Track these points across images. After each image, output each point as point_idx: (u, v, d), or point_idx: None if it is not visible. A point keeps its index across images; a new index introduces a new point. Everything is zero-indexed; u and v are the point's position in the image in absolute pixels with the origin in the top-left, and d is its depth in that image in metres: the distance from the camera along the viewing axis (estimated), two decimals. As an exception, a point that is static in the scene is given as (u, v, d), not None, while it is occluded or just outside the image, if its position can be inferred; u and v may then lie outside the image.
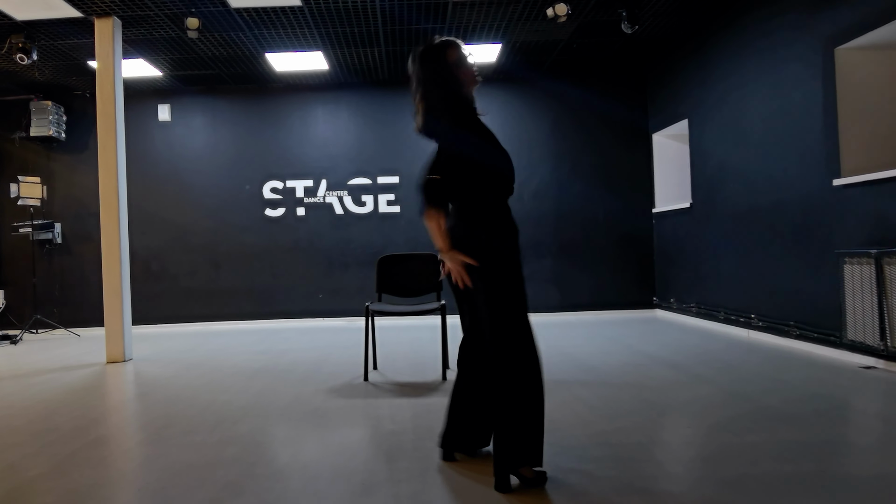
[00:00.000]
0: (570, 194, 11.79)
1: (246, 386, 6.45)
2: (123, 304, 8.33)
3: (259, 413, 5.37)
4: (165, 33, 8.96)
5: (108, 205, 8.31)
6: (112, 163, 8.27)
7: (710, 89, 9.57)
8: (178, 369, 7.58)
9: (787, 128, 7.80)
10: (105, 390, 6.63)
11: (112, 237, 8.30)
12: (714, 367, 6.71)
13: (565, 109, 11.84)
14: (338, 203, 11.85)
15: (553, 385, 6.00)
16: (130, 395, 6.43)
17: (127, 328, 8.38)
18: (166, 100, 11.84)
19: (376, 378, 6.60)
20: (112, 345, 8.28)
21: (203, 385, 6.59)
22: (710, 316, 9.79)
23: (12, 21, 8.35)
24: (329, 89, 11.89)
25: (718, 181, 9.44)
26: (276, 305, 11.83)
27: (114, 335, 8.29)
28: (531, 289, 10.33)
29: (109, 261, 8.30)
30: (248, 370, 7.34)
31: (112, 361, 8.23)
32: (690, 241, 10.41)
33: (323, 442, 4.51)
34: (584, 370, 6.77)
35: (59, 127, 11.45)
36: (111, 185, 8.30)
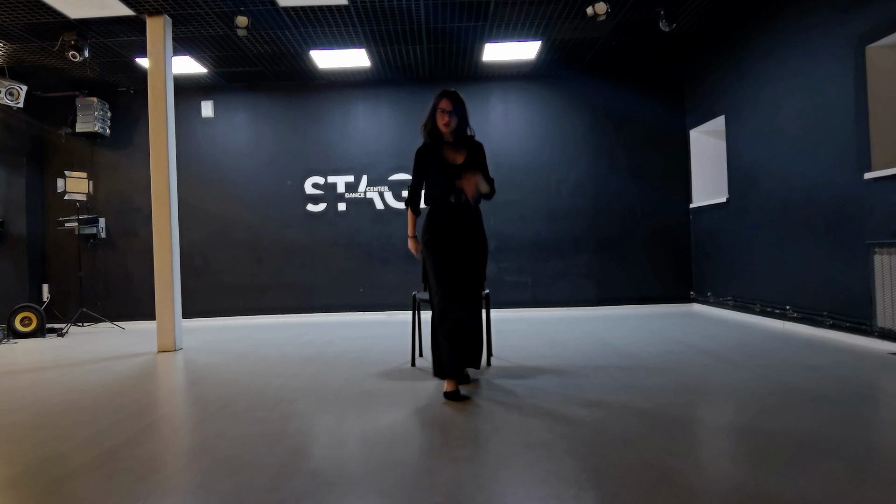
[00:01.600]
0: (608, 190, 12.06)
1: (298, 372, 6.84)
2: (174, 294, 8.75)
3: (315, 393, 5.76)
4: (214, 31, 9.38)
5: (160, 199, 8.74)
6: (164, 158, 8.70)
7: (745, 86, 9.82)
8: (228, 358, 7.98)
9: (820, 124, 8.09)
10: (161, 376, 7.04)
11: (164, 230, 8.72)
12: (749, 355, 7.01)
13: (603, 106, 12.11)
14: (378, 198, 12.18)
15: (593, 370, 6.39)
16: (187, 379, 6.84)
17: (178, 318, 8.81)
18: (209, 96, 12.25)
19: (423, 364, 6.98)
20: (163, 334, 8.71)
21: (256, 371, 6.99)
22: (746, 308, 10.06)
23: (66, 19, 8.78)
24: (370, 86, 12.23)
25: (754, 176, 9.70)
26: (316, 300, 12.18)
27: (165, 325, 8.72)
28: (568, 283, 10.71)
29: (161, 253, 8.72)
30: (298, 358, 7.72)
31: (163, 350, 8.65)
32: (726, 235, 10.66)
33: (379, 415, 4.89)
34: (624, 357, 7.11)
35: (104, 123, 11.90)
36: (163, 181, 8.73)
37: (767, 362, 6.60)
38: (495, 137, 11.95)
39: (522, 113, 12.18)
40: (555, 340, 8.53)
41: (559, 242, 12.07)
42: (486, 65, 11.50)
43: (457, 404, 5.18)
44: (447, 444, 4.10)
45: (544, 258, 12.08)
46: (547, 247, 12.07)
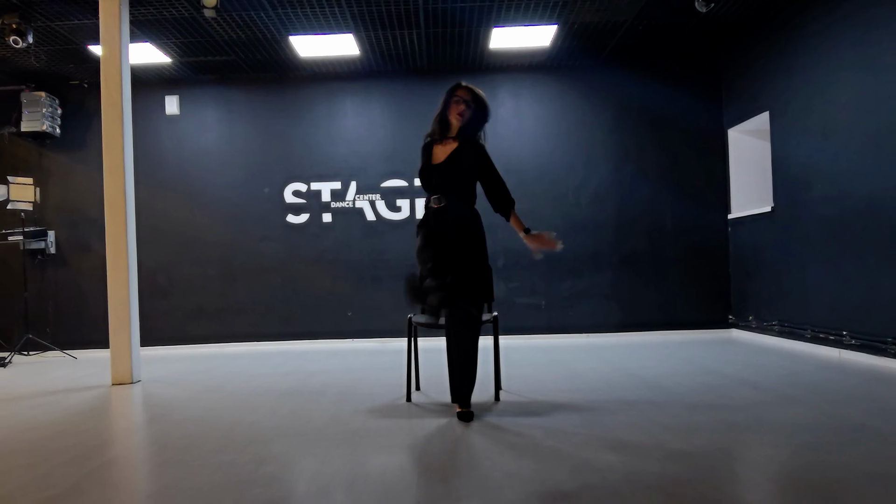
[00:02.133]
0: (634, 198, 11.84)
1: (275, 407, 6.61)
2: (131, 319, 8.52)
3: (294, 433, 5.52)
4: (177, 13, 9.18)
5: (114, 209, 8.51)
6: (119, 161, 8.49)
7: (794, 76, 9.61)
8: (194, 391, 7.76)
9: (884, 119, 7.85)
10: (114, 412, 6.82)
11: (118, 244, 8.49)
12: (801, 388, 6.79)
13: (628, 102, 11.90)
14: (369, 208, 11.95)
15: (619, 405, 6.16)
16: (144, 416, 6.62)
17: (135, 346, 8.57)
18: (174, 91, 12.04)
19: (420, 399, 6.75)
20: (118, 365, 8.45)
21: (226, 407, 6.76)
22: (794, 335, 9.81)
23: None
24: (359, 78, 12.03)
25: (804, 181, 9.46)
26: (299, 325, 11.95)
27: (120, 354, 8.46)
28: (588, 306, 10.57)
29: (116, 271, 8.49)
30: (275, 392, 7.50)
31: (119, 383, 8.39)
32: (771, 250, 10.43)
33: (368, 460, 4.65)
34: (655, 390, 6.88)
35: (54, 121, 11.70)
36: (118, 186, 8.51)
37: (826, 396, 6.37)
38: (505, 137, 11.73)
39: (535, 109, 11.98)
40: (573, 371, 8.32)
41: (577, 259, 11.80)
42: (493, 53, 11.29)
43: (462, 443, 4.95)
44: (449, 496, 3.86)
45: (560, 277, 11.83)
46: (563, 264, 11.73)
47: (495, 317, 6.56)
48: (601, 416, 5.74)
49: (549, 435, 5.18)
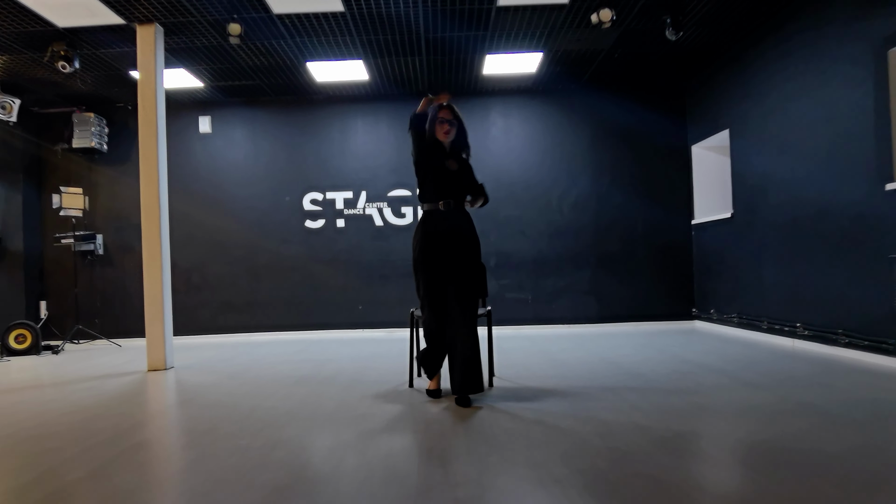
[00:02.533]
0: (610, 206, 11.50)
1: (289, 393, 6.22)
2: (165, 312, 8.15)
3: (305, 418, 5.15)
4: (207, 41, 8.81)
5: (150, 214, 8.15)
6: (154, 172, 8.12)
7: (752, 98, 9.27)
8: (219, 377, 7.38)
9: (834, 134, 7.52)
10: (145, 397, 6.43)
11: (154, 246, 8.13)
12: (762, 374, 6.45)
13: (604, 121, 11.57)
14: (377, 215, 11.62)
15: (602, 391, 5.79)
16: (171, 401, 6.22)
17: (168, 336, 8.21)
18: (207, 111, 11.70)
19: (421, 384, 6.35)
20: (153, 353, 8.10)
21: (246, 392, 6.38)
22: (752, 326, 9.48)
23: (54, 28, 8.22)
24: (369, 100, 11.70)
25: (761, 191, 9.13)
26: (315, 317, 11.62)
27: (155, 343, 8.11)
28: (571, 300, 10.09)
29: (151, 269, 8.13)
30: (291, 378, 7.11)
31: (153, 369, 8.05)
32: (731, 251, 10.10)
33: (373, 445, 4.27)
34: (633, 377, 6.51)
35: (101, 139, 11.34)
36: (153, 195, 8.14)
37: (783, 381, 6.01)
38: (496, 153, 11.49)
39: (523, 128, 11.63)
40: (558, 359, 7.92)
41: (560, 259, 11.49)
42: (486, 78, 10.92)
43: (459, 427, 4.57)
44: (447, 482, 3.47)
45: (545, 275, 11.49)
46: (548, 263, 11.49)
47: (489, 311, 6.19)
48: (586, 402, 5.36)
49: (540, 419, 4.80)
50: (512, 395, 5.79)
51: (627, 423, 4.64)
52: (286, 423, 4.95)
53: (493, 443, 4.20)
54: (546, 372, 6.98)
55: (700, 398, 5.43)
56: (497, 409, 5.24)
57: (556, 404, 5.32)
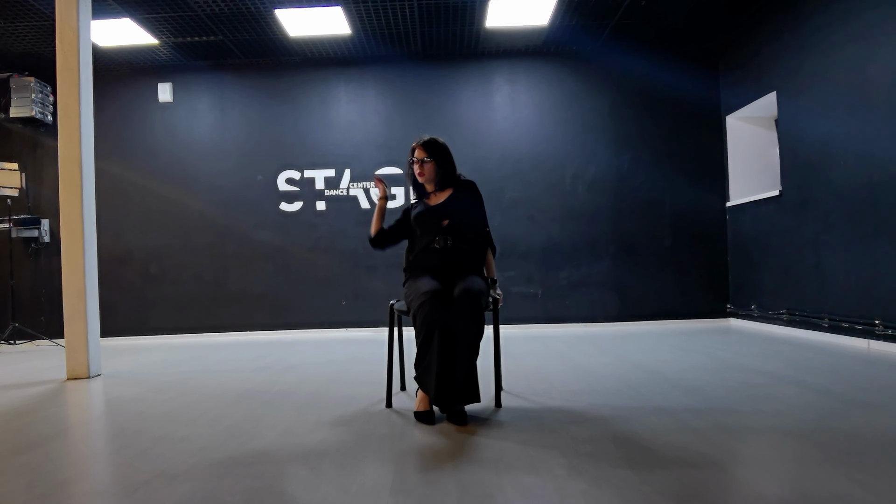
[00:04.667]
0: (632, 185, 9.82)
1: (221, 415, 4.44)
2: (88, 308, 6.39)
3: (225, 456, 3.39)
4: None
5: (70, 187, 6.45)
6: (74, 131, 6.37)
7: (808, 50, 7.56)
8: (145, 390, 5.61)
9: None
10: (36, 417, 4.64)
11: (73, 226, 6.43)
12: (861, 388, 4.71)
13: (626, 87, 9.87)
14: (363, 196, 9.94)
15: (650, 413, 4.00)
16: (64, 424, 4.41)
17: (93, 338, 6.43)
18: (167, 77, 9.99)
19: (403, 403, 4.56)
20: (73, 358, 6.33)
21: (164, 412, 4.61)
22: (807, 324, 7.76)
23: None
24: (353, 64, 9.99)
25: (821, 161, 7.42)
26: (292, 314, 9.94)
27: (76, 346, 6.35)
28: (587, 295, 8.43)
29: (70, 254, 6.42)
30: (234, 392, 5.35)
31: (74, 377, 6.30)
32: (779, 235, 8.37)
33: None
34: (686, 392, 4.73)
35: (45, 108, 9.59)
36: (73, 163, 6.40)
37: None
38: (500, 124, 9.82)
39: (532, 95, 9.91)
40: (582, 367, 6.15)
41: (574, 247, 9.81)
42: (490, 33, 9.12)
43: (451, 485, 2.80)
44: None
45: (557, 266, 9.80)
46: (560, 252, 9.80)
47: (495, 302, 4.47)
48: (634, 430, 3.60)
49: (575, 469, 3.02)
50: (530, 418, 4.03)
51: (709, 467, 2.89)
52: (188, 471, 3.17)
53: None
54: (569, 384, 5.21)
55: (794, 423, 3.69)
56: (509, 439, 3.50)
57: (593, 433, 3.56)
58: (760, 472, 2.93)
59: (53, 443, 3.87)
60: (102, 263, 7.47)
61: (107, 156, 9.43)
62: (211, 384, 5.79)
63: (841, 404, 4.20)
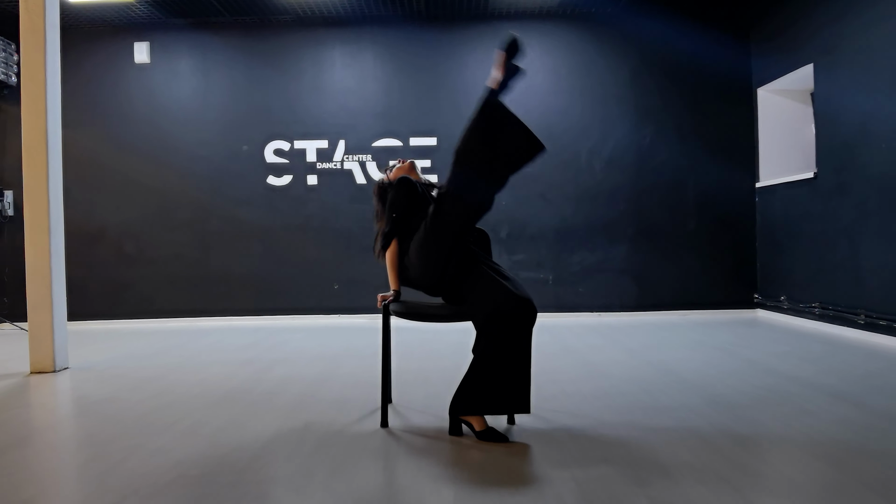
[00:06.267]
0: (653, 163, 9.72)
1: (201, 420, 4.38)
2: (54, 294, 6.33)
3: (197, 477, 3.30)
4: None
5: (34, 159, 6.34)
6: (39, 97, 6.25)
7: (850, 21, 7.46)
8: (120, 387, 5.54)
9: None
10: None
11: (38, 203, 6.34)
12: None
13: (648, 55, 9.74)
14: (359, 170, 9.84)
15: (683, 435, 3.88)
16: (21, 431, 4.30)
17: (59, 328, 6.36)
18: (144, 36, 9.83)
19: (400, 421, 4.39)
20: (38, 350, 6.26)
21: (141, 417, 4.54)
22: (842, 319, 7.70)
23: None
24: (350, 24, 9.85)
25: (861, 142, 7.32)
26: (279, 299, 9.86)
27: (40, 337, 6.28)
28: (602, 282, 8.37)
29: (34, 233, 6.35)
30: (217, 391, 5.28)
31: (37, 371, 6.23)
32: (812, 221, 8.29)
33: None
34: (710, 402, 4.67)
35: (8, 68, 9.46)
36: (38, 131, 6.29)
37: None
38: (510, 94, 9.51)
39: (545, 63, 9.77)
40: (594, 366, 6.10)
41: (590, 230, 9.72)
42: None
43: None
44: None
45: (570, 249, 9.71)
46: (574, 235, 9.71)
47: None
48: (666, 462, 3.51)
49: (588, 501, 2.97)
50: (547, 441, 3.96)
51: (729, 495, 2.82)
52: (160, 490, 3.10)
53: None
54: (581, 388, 5.14)
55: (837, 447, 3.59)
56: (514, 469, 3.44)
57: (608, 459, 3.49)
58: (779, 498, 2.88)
59: (12, 453, 3.80)
60: (72, 241, 7.43)
61: (77, 123, 9.31)
62: (191, 380, 5.72)
63: (880, 420, 4.14)
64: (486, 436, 3.93)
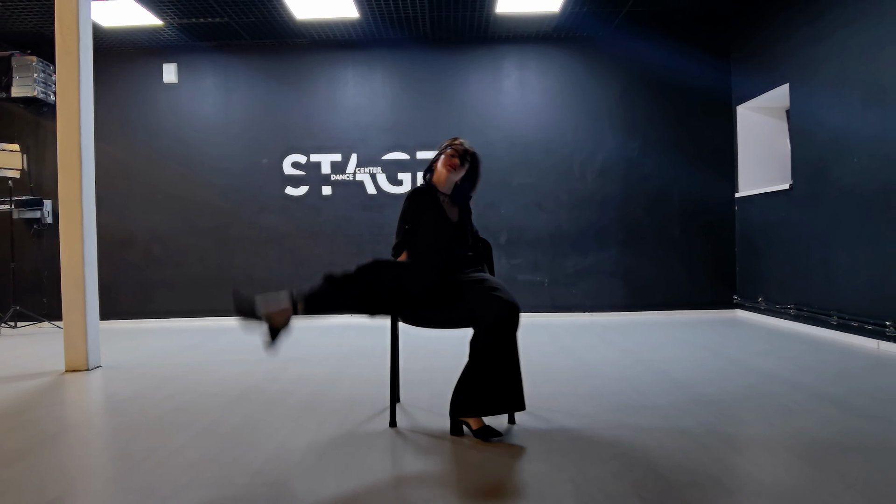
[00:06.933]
0: (641, 173, 9.58)
1: (217, 420, 4.26)
2: (87, 297, 6.22)
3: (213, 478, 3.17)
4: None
5: (68, 166, 6.21)
6: (74, 116, 6.13)
7: (825, 44, 7.29)
8: (145, 385, 5.43)
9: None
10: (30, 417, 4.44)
11: (72, 212, 6.22)
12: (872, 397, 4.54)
13: (636, 75, 9.60)
14: (370, 181, 9.70)
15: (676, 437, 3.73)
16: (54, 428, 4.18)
17: (92, 329, 6.24)
18: (172, 58, 9.72)
19: (408, 421, 4.26)
20: (72, 349, 6.14)
21: (162, 416, 4.42)
22: (815, 320, 7.55)
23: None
24: (361, 46, 9.72)
25: (834, 155, 7.17)
26: (295, 299, 9.66)
27: (74, 336, 6.16)
28: (594, 283, 8.46)
29: (69, 239, 6.24)
30: (234, 390, 5.16)
31: (72, 370, 6.10)
32: (788, 228, 8.15)
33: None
34: (698, 401, 4.54)
35: (47, 87, 9.35)
36: (72, 146, 6.17)
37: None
38: (509, 109, 9.56)
39: (541, 81, 9.64)
40: (588, 365, 5.96)
41: (582, 235, 9.58)
42: (500, 19, 8.84)
43: None
44: None
45: (564, 253, 9.58)
46: (568, 240, 9.57)
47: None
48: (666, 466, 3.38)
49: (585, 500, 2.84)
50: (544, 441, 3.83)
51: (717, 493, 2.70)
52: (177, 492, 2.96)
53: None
54: (577, 390, 4.99)
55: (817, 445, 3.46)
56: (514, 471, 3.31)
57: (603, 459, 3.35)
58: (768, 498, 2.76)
59: (43, 451, 3.68)
60: (104, 245, 7.31)
61: (110, 137, 9.18)
62: (210, 379, 5.60)
63: (857, 419, 4.01)
64: (482, 434, 3.81)
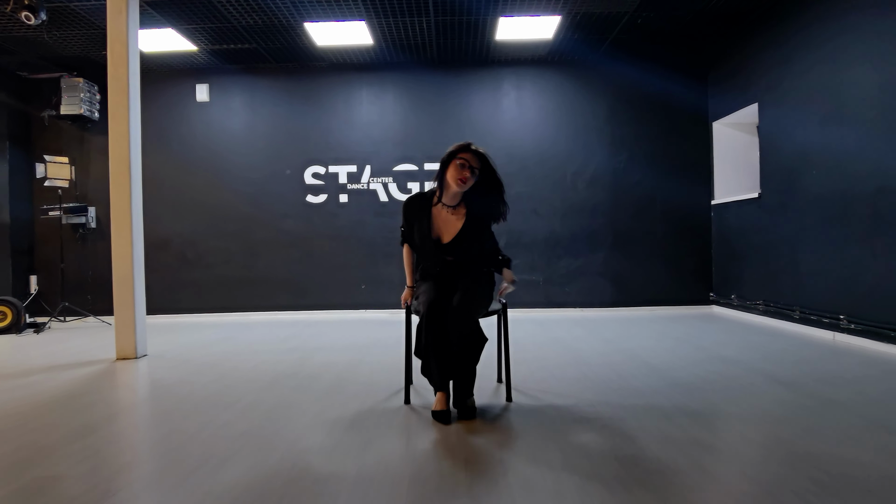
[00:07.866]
0: (627, 183, 9.86)
1: (257, 400, 4.60)
2: (136, 293, 6.52)
3: (259, 446, 3.50)
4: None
5: (119, 180, 6.50)
6: (124, 133, 6.44)
7: (788, 65, 7.60)
8: (189, 371, 5.77)
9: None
10: (92, 399, 4.78)
11: (123, 216, 6.50)
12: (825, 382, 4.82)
13: (622, 94, 9.89)
14: (382, 190, 9.99)
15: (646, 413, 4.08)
16: (116, 407, 4.55)
17: (140, 322, 6.57)
18: (204, 79, 10.04)
19: (421, 400, 4.56)
20: (122, 340, 6.47)
21: (209, 395, 4.77)
22: (781, 315, 7.86)
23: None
24: (374, 69, 10.03)
25: (798, 168, 7.46)
26: (315, 296, 10.03)
27: (124, 329, 6.48)
28: (584, 282, 8.34)
29: (119, 243, 6.50)
30: (269, 375, 5.51)
31: (122, 358, 6.44)
32: (758, 233, 8.44)
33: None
34: (671, 383, 4.88)
35: (92, 106, 9.70)
36: (122, 157, 6.48)
37: (862, 393, 4.34)
38: (508, 126, 9.85)
39: (536, 100, 9.95)
40: (576, 352, 6.29)
41: (574, 238, 9.87)
42: (499, 45, 9.18)
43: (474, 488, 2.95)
44: None
45: (558, 256, 9.88)
46: (561, 243, 9.87)
47: (504, 304, 4.58)
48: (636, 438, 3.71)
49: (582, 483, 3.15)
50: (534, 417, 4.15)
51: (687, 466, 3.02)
52: (232, 456, 3.32)
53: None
54: (566, 373, 5.32)
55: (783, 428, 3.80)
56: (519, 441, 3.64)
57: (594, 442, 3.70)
58: (725, 463, 3.08)
59: (110, 426, 4.02)
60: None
61: (148, 150, 9.38)
62: (245, 366, 5.93)
63: (809, 400, 4.32)
64: (435, 415, 4.01)
